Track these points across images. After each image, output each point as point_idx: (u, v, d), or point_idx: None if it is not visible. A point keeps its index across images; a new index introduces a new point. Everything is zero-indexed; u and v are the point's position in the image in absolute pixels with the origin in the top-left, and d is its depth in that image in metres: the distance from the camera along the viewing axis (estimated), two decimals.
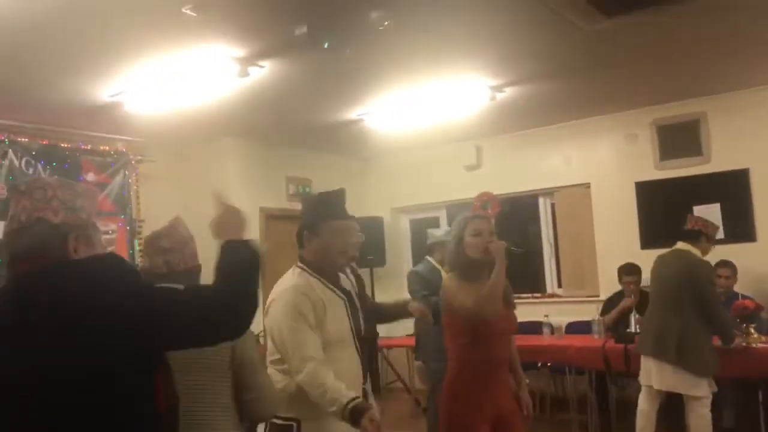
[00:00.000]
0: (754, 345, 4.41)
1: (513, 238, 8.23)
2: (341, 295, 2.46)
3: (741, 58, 4.95)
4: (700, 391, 4.13)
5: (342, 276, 2.55)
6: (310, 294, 2.34)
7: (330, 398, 2.16)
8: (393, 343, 6.67)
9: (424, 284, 4.81)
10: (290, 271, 2.48)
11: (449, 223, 6.84)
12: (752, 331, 4.48)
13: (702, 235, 4.42)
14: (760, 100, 5.72)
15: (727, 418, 5.03)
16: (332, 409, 2.16)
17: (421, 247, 7.81)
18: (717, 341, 4.30)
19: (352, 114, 5.85)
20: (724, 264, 5.27)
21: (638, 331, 5.00)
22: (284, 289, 2.38)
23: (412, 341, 5.31)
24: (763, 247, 5.64)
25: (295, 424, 2.30)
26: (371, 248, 7.36)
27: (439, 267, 4.91)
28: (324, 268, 2.44)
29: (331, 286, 2.44)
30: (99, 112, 5.22)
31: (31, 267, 1.48)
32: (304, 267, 2.45)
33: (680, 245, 4.45)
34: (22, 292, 1.47)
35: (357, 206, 7.64)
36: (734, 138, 5.86)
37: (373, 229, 7.47)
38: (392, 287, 7.83)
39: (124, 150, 6.01)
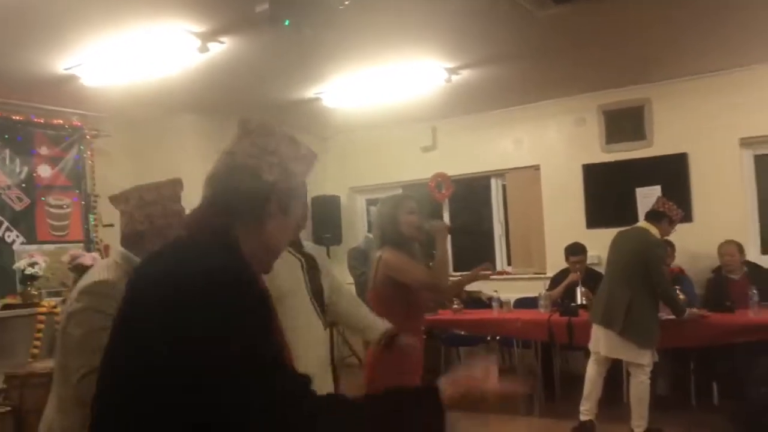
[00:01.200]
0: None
1: (466, 219, 8.45)
2: (298, 255, 2.59)
3: (682, 48, 5.22)
4: (644, 360, 4.41)
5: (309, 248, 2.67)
6: None
7: None
8: None
9: (364, 261, 4.99)
10: None
11: None
12: (679, 293, 4.79)
13: (665, 218, 4.67)
14: (699, 87, 6.02)
15: (661, 386, 5.37)
16: None
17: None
18: (668, 314, 4.60)
19: (310, 92, 5.93)
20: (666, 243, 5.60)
21: (583, 303, 5.28)
22: None
23: None
24: (699, 227, 5.96)
25: None
26: (328, 227, 7.48)
27: None
28: None
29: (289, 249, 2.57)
30: (53, 85, 5.16)
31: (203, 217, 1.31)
32: None
33: (642, 224, 4.70)
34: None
35: (314, 185, 7.74)
36: (675, 124, 6.16)
37: (330, 207, 7.58)
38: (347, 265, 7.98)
39: (79, 124, 5.95)
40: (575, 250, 5.84)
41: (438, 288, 2.93)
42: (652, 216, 4.70)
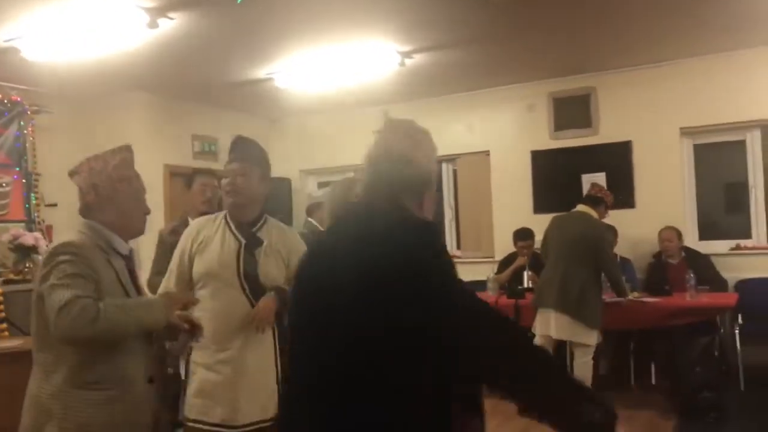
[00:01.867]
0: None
1: None
2: (240, 237, 2.60)
3: (628, 38, 5.36)
4: (591, 341, 4.55)
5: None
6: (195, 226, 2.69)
7: None
8: None
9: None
10: None
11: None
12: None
13: (602, 202, 4.82)
14: (643, 78, 6.20)
15: (602, 366, 5.56)
16: None
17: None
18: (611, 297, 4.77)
19: (261, 72, 5.85)
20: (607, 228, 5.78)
21: (529, 287, 5.40)
22: None
23: None
24: (641, 213, 6.17)
25: None
26: (278, 209, 7.43)
27: (320, 227, 5.14)
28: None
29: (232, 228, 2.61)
30: None
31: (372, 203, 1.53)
32: None
33: (581, 208, 4.82)
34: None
35: None
36: (620, 112, 6.33)
37: (281, 190, 7.52)
38: None
39: (18, 99, 5.73)
40: (523, 235, 5.96)
41: None
42: (591, 200, 4.85)
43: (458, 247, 7.21)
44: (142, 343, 2.08)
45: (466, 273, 6.72)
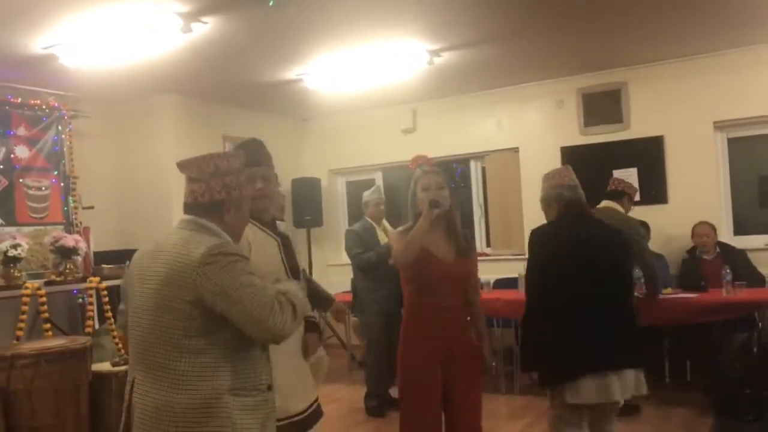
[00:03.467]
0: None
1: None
2: (274, 235, 2.63)
3: (658, 32, 5.31)
4: None
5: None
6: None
7: None
8: None
9: (359, 242, 5.13)
10: None
11: (384, 186, 7.10)
12: None
13: (625, 195, 4.78)
14: (674, 72, 6.14)
15: None
16: None
17: (357, 208, 8.03)
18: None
19: (291, 74, 5.91)
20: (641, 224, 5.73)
21: None
22: None
23: (349, 297, 5.53)
24: (674, 209, 6.11)
25: None
26: (308, 209, 7.51)
27: (373, 224, 5.26)
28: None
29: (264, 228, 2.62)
30: (31, 65, 5.08)
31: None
32: None
33: (606, 203, 4.79)
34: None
35: (294, 167, 7.82)
36: (651, 107, 6.27)
37: (310, 189, 7.60)
38: (328, 247, 8.02)
39: (56, 104, 5.87)
40: None
41: (398, 263, 2.92)
42: (613, 195, 4.80)
43: (488, 244, 7.21)
44: (263, 350, 2.04)
45: (496, 271, 6.74)
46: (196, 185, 2.01)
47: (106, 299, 5.12)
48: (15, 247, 4.78)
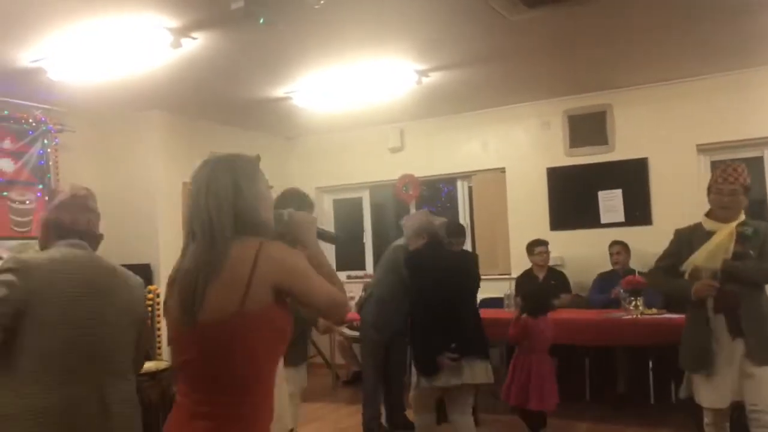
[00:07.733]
0: (639, 316, 4.96)
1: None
2: None
3: (643, 57, 5.40)
4: None
5: None
6: None
7: None
8: None
9: None
10: None
11: (371, 205, 7.09)
12: (639, 304, 5.04)
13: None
14: (658, 95, 6.23)
15: (621, 384, 5.52)
16: None
17: (343, 225, 8.03)
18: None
19: (279, 91, 5.93)
20: (615, 243, 5.94)
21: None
22: None
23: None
24: (658, 230, 6.13)
25: None
26: None
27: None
28: None
29: None
30: (18, 78, 5.05)
31: None
32: None
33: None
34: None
35: (280, 184, 7.74)
36: (636, 129, 6.35)
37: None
38: None
39: (43, 118, 5.84)
40: (538, 242, 6.19)
41: None
42: None
43: None
44: None
45: (483, 290, 6.74)
46: (93, 216, 2.30)
47: None
48: None
